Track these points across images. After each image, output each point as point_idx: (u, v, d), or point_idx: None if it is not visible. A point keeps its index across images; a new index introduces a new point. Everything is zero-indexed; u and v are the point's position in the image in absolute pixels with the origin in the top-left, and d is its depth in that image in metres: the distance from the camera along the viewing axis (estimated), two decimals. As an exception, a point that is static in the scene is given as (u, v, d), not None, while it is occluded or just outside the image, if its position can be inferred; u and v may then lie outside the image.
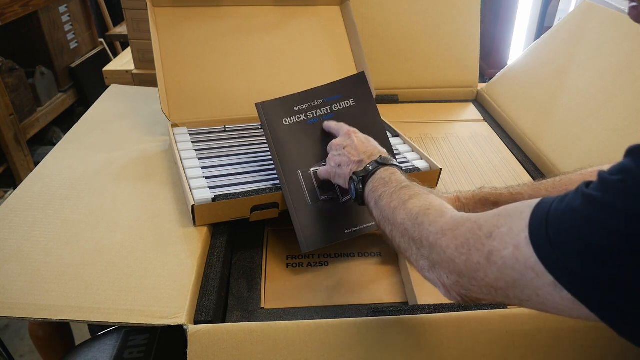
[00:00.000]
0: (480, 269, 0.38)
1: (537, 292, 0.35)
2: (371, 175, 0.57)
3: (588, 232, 0.32)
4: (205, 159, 0.79)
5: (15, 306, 0.56)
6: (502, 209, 0.40)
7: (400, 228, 0.48)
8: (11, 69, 1.85)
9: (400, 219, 0.48)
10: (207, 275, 0.64)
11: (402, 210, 0.48)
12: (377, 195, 0.54)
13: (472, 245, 0.39)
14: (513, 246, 0.36)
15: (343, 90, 0.75)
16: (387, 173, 0.56)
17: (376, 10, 1.13)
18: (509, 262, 0.36)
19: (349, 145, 0.63)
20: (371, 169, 0.57)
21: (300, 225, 0.68)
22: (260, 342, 0.53)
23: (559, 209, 0.34)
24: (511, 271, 0.36)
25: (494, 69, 2.50)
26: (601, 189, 0.33)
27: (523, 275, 0.35)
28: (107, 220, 0.70)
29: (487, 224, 0.39)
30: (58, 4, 2.15)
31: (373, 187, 0.55)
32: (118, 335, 0.78)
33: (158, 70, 0.88)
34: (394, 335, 0.54)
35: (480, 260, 0.38)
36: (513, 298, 0.38)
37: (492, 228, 0.38)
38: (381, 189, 0.54)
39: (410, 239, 0.46)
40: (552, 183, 0.64)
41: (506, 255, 0.36)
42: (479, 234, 0.39)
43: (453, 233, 0.41)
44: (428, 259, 0.43)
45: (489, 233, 0.38)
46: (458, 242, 0.40)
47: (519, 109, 1.04)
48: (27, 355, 1.41)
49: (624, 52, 0.86)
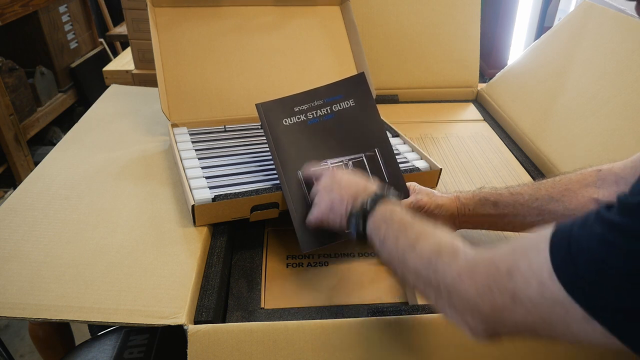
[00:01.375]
0: (506, 310, 0.37)
1: (568, 327, 0.34)
2: (371, 212, 0.54)
3: (613, 259, 0.31)
4: (205, 159, 0.79)
5: (15, 306, 0.56)
6: (514, 243, 0.39)
7: (413, 274, 0.46)
8: (11, 69, 1.85)
9: (412, 263, 0.46)
10: (207, 275, 0.64)
11: (412, 254, 0.46)
12: (382, 235, 0.51)
13: (495, 288, 0.38)
14: (537, 282, 0.35)
15: (343, 91, 0.75)
16: (387, 210, 0.53)
17: (376, 10, 1.13)
18: (536, 299, 0.35)
19: (336, 183, 0.61)
20: (369, 206, 0.54)
21: (300, 225, 0.68)
22: (260, 342, 0.53)
23: (582, 239, 0.33)
24: (539, 308, 0.35)
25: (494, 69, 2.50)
26: (624, 213, 0.32)
27: (552, 311, 0.34)
28: (107, 220, 0.70)
29: (503, 263, 0.38)
30: (58, 4, 2.15)
31: (375, 225, 0.53)
32: (118, 335, 0.78)
33: (158, 70, 0.88)
34: (394, 335, 0.54)
35: (505, 302, 0.37)
36: (543, 334, 0.37)
37: (511, 267, 0.37)
38: (384, 228, 0.51)
39: (426, 284, 0.44)
40: (552, 183, 0.64)
41: (531, 293, 0.35)
42: (498, 275, 0.38)
43: (471, 276, 0.40)
44: (448, 304, 0.42)
45: (509, 272, 0.37)
46: (478, 286, 0.39)
47: (519, 109, 1.04)
48: (27, 355, 1.41)
49: (624, 52, 0.86)
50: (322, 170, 0.67)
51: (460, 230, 0.72)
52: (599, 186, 0.60)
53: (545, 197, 0.63)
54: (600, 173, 0.60)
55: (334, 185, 0.61)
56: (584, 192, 0.60)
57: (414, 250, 0.46)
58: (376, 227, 0.52)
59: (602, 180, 0.60)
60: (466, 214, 0.68)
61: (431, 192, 0.71)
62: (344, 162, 0.72)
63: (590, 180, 0.61)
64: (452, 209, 0.69)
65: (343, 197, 0.58)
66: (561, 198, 0.62)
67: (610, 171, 0.60)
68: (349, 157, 0.73)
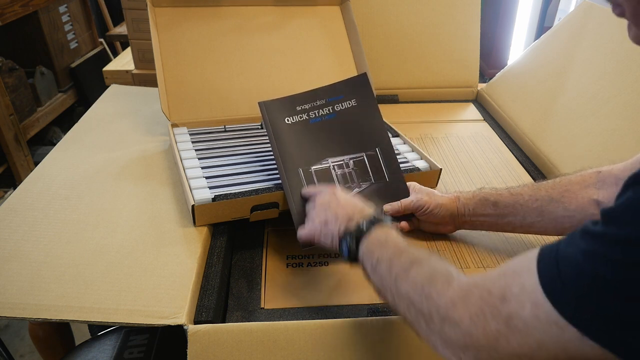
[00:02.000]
0: (501, 337, 0.36)
1: (565, 350, 0.33)
2: (366, 234, 0.53)
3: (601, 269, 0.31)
4: (205, 159, 0.79)
5: (15, 306, 0.56)
6: (504, 267, 0.38)
7: (405, 300, 0.44)
8: (11, 69, 1.85)
9: (404, 290, 0.44)
10: (207, 275, 0.64)
11: (404, 281, 0.45)
12: (375, 259, 0.50)
13: (488, 313, 0.36)
14: (531, 304, 0.34)
15: (345, 91, 0.76)
16: (383, 233, 0.52)
17: (376, 10, 1.13)
18: (530, 322, 0.34)
19: (334, 202, 0.60)
20: (365, 228, 0.53)
21: (300, 224, 0.68)
22: (260, 342, 0.53)
23: (568, 254, 0.33)
24: (534, 332, 0.34)
25: (494, 69, 2.50)
26: (608, 223, 0.32)
27: (547, 333, 0.33)
28: (107, 220, 0.70)
29: (495, 287, 0.37)
30: (58, 4, 2.15)
31: (368, 248, 0.52)
32: (118, 335, 0.78)
33: (158, 70, 0.88)
34: (394, 335, 0.54)
35: (500, 328, 0.36)
36: None
37: (503, 290, 0.36)
38: (377, 251, 0.50)
39: (418, 312, 0.42)
40: (552, 184, 0.64)
41: (526, 315, 0.34)
42: (491, 300, 0.37)
43: (464, 303, 0.38)
44: (440, 335, 0.40)
45: (501, 296, 0.36)
46: (472, 312, 0.37)
47: (519, 109, 1.04)
48: (27, 355, 1.41)
49: (624, 52, 0.86)
50: (322, 188, 0.66)
51: (460, 231, 0.73)
52: (598, 187, 0.60)
53: (545, 198, 0.63)
54: (600, 175, 0.60)
55: (332, 203, 0.60)
56: (584, 193, 0.60)
57: (407, 276, 0.45)
58: (369, 251, 0.51)
59: (602, 181, 0.60)
60: (466, 213, 0.69)
61: (431, 191, 0.71)
62: (344, 161, 0.72)
63: (590, 181, 0.61)
64: (452, 209, 0.69)
65: (338, 216, 0.57)
66: (561, 199, 0.62)
67: (610, 173, 0.60)
68: (350, 156, 0.73)
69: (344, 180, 0.72)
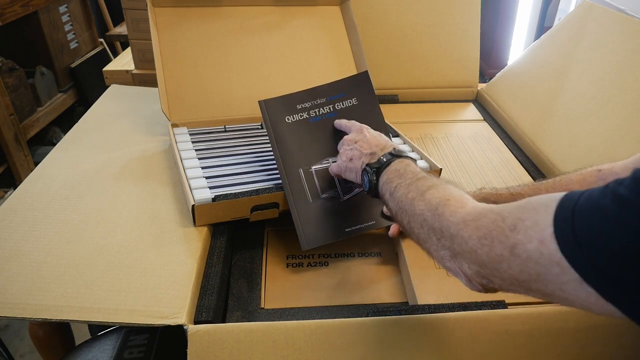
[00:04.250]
0: (504, 261, 0.38)
1: (561, 287, 0.35)
2: (385, 166, 0.56)
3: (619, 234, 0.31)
4: (205, 159, 0.79)
5: (15, 306, 0.56)
6: (526, 201, 0.39)
7: (419, 219, 0.47)
8: (11, 69, 1.85)
9: (419, 209, 0.47)
10: (207, 275, 0.64)
11: (420, 201, 0.48)
12: (393, 187, 0.53)
13: (495, 237, 0.38)
14: (538, 240, 0.35)
15: (346, 89, 0.75)
16: (402, 165, 0.55)
17: (376, 10, 1.13)
18: (534, 255, 0.35)
19: (361, 139, 0.63)
20: (385, 161, 0.57)
21: (300, 223, 0.68)
22: (260, 342, 0.53)
23: (585, 207, 0.33)
24: (535, 265, 0.35)
25: (494, 69, 2.50)
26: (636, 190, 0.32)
27: (548, 270, 0.35)
28: (107, 220, 0.70)
29: (510, 216, 0.38)
30: (58, 4, 2.15)
31: (387, 178, 0.55)
32: (118, 335, 0.78)
33: (158, 70, 0.88)
34: (394, 335, 0.54)
35: (504, 253, 0.37)
36: (536, 291, 0.37)
37: (516, 221, 0.38)
38: (396, 180, 0.53)
39: (430, 229, 0.45)
40: (552, 183, 0.64)
41: (530, 248, 0.36)
42: (502, 226, 0.38)
43: (475, 224, 0.41)
44: (449, 249, 0.43)
45: (513, 225, 0.37)
46: (480, 234, 0.40)
47: (519, 109, 1.04)
48: (27, 355, 1.41)
49: (624, 52, 0.86)
50: (352, 123, 0.69)
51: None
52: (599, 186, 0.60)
53: None
54: (601, 173, 0.60)
55: (358, 140, 0.64)
56: None
57: (423, 198, 0.48)
58: (388, 180, 0.55)
59: (603, 180, 0.60)
60: (466, 213, 0.69)
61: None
62: None
63: (591, 180, 0.61)
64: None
65: (363, 152, 0.61)
66: None
67: (610, 171, 0.60)
68: None
69: (344, 179, 0.72)
